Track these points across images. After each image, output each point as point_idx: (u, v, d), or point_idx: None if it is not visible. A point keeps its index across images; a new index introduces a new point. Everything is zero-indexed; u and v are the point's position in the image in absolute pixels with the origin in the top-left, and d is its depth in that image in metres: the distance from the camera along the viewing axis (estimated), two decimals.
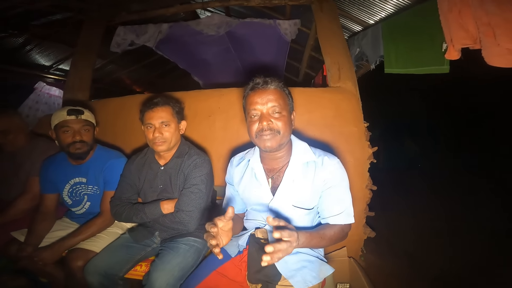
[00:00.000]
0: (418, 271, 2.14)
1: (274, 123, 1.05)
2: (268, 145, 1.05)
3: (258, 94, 1.07)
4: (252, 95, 1.09)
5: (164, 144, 1.39)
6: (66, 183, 1.58)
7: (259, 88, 1.08)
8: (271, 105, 1.06)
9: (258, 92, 1.08)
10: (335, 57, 2.05)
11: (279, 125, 1.05)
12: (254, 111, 1.07)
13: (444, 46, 1.59)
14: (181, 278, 1.23)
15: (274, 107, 1.06)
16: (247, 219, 1.27)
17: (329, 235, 1.03)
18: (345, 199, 1.09)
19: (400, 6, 2.25)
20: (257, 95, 1.07)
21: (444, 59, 1.62)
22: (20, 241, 1.45)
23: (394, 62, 2.17)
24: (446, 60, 1.68)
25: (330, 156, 1.12)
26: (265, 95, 1.06)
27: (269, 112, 1.06)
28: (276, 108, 1.06)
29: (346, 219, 1.07)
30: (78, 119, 1.49)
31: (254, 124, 1.08)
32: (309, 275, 1.02)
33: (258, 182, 1.17)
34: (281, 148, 1.11)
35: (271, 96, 1.06)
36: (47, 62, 3.94)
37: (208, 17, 2.80)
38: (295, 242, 0.82)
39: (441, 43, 1.62)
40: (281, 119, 1.06)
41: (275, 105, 1.06)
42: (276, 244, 0.78)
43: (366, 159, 1.74)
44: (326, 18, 2.21)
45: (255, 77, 1.10)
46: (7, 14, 2.37)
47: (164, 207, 1.38)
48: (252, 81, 1.11)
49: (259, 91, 1.08)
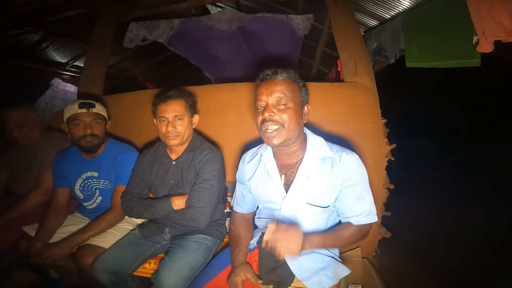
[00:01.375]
0: (433, 273, 2.06)
1: (278, 115, 0.99)
2: (273, 142, 1.00)
3: (265, 85, 1.03)
4: (260, 86, 1.05)
5: (177, 138, 1.36)
6: (78, 177, 1.58)
7: (268, 79, 1.04)
8: (276, 96, 1.00)
9: (266, 82, 1.03)
10: (351, 52, 1.98)
11: (283, 118, 0.99)
12: (260, 102, 1.03)
13: (475, 39, 1.54)
14: (190, 277, 1.20)
15: (280, 98, 1.00)
16: (258, 217, 1.23)
17: (346, 236, 0.98)
18: (366, 198, 1.03)
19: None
20: (264, 86, 1.03)
21: (475, 52, 1.57)
22: (31, 236, 1.45)
23: (417, 56, 2.11)
24: (477, 53, 1.62)
25: (348, 152, 1.06)
26: (271, 86, 1.01)
27: (274, 103, 1.01)
28: (282, 99, 1.00)
29: (368, 218, 1.02)
30: (89, 112, 1.49)
31: (258, 116, 1.03)
32: (324, 276, 0.98)
33: (270, 179, 1.12)
34: (291, 143, 1.05)
35: (278, 87, 1.01)
36: (63, 59, 4.02)
37: (219, 12, 2.78)
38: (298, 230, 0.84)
39: (471, 35, 1.56)
40: (286, 111, 1.00)
41: (281, 96, 1.00)
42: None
43: (383, 156, 1.67)
44: (341, 12, 2.14)
45: (266, 68, 1.06)
46: (22, 10, 2.41)
47: (175, 203, 1.35)
48: (262, 72, 1.06)
49: (267, 82, 1.03)
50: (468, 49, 1.65)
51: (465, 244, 2.58)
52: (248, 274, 1.01)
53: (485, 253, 2.36)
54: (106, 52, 2.41)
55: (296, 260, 1.01)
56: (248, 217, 1.30)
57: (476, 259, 2.26)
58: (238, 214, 1.29)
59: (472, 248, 2.49)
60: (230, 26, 2.76)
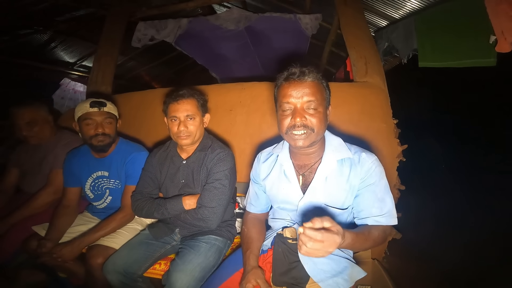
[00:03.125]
0: (443, 275, 2.02)
1: (309, 119, 0.96)
2: (300, 145, 0.97)
3: (293, 86, 0.97)
4: (287, 86, 0.98)
5: (189, 138, 1.35)
6: (89, 177, 1.58)
7: (295, 80, 0.97)
8: (306, 100, 0.96)
9: (293, 83, 0.97)
10: (361, 51, 1.96)
11: (314, 122, 0.96)
12: (287, 105, 0.98)
13: (492, 38, 1.53)
14: (202, 279, 1.19)
15: (310, 102, 0.96)
16: (273, 217, 1.21)
17: (374, 236, 0.94)
18: (385, 199, 1.00)
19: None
20: (292, 87, 0.97)
21: (492, 51, 1.57)
22: (41, 235, 1.44)
23: (430, 55, 2.10)
24: (494, 53, 1.61)
25: (367, 153, 1.03)
26: (301, 88, 0.96)
27: (304, 107, 0.96)
28: (312, 104, 0.96)
29: (388, 220, 0.98)
30: (101, 111, 1.48)
31: (285, 119, 0.98)
32: (341, 279, 0.95)
33: (287, 179, 1.09)
34: (314, 145, 1.03)
35: (308, 90, 0.96)
36: (71, 59, 4.06)
37: (227, 11, 2.77)
38: (339, 236, 0.73)
39: (488, 35, 1.55)
40: (316, 115, 0.96)
41: (312, 99, 0.96)
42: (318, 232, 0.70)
43: (395, 157, 1.64)
44: (350, 11, 2.12)
45: (290, 66, 1.01)
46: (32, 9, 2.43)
47: (186, 203, 1.34)
48: (287, 70, 1.01)
49: (294, 83, 0.97)
50: (484, 48, 1.64)
51: (475, 245, 2.53)
52: (259, 280, 1.00)
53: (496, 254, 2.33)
54: (115, 51, 2.42)
55: (311, 261, 0.99)
56: (261, 217, 1.28)
57: (487, 260, 2.23)
58: (251, 214, 1.27)
59: (483, 249, 2.44)
60: (238, 26, 2.75)
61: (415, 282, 1.89)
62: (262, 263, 1.10)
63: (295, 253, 1.03)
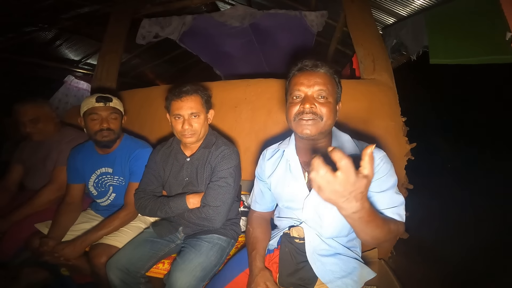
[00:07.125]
0: (451, 275, 2.00)
1: (318, 107, 0.94)
2: (307, 132, 0.94)
3: (305, 76, 0.98)
4: (299, 76, 0.99)
5: (194, 136, 1.31)
6: (93, 173, 1.57)
7: (308, 70, 0.99)
8: (317, 88, 0.95)
9: (306, 73, 0.98)
10: (369, 48, 1.92)
11: (323, 111, 0.94)
12: (297, 92, 0.97)
13: (508, 35, 1.51)
14: (203, 278, 1.17)
15: (321, 91, 0.95)
16: (278, 216, 1.17)
17: (388, 226, 0.84)
18: (393, 195, 0.92)
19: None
20: (304, 76, 0.97)
21: (509, 48, 1.54)
22: (44, 233, 1.43)
23: (442, 53, 2.05)
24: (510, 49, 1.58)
25: (375, 149, 1.00)
26: (313, 78, 0.96)
27: (314, 95, 0.96)
28: (323, 93, 0.95)
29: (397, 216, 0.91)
30: (106, 106, 1.47)
31: (294, 106, 0.97)
32: (350, 280, 0.93)
33: (293, 176, 1.06)
34: (320, 138, 1.00)
35: (319, 80, 0.96)
36: (76, 57, 4.07)
37: (232, 8, 2.75)
38: (360, 182, 0.62)
39: (504, 31, 1.52)
40: (326, 105, 0.95)
41: (323, 89, 0.95)
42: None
43: (403, 155, 1.61)
44: (357, 8, 2.08)
45: (304, 59, 1.01)
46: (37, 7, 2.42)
47: (189, 201, 1.31)
48: (300, 62, 1.01)
49: (306, 73, 0.98)
50: (500, 45, 1.61)
51: (483, 245, 2.48)
52: (268, 282, 0.98)
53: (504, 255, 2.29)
54: (120, 48, 2.41)
55: (319, 262, 0.96)
56: (267, 216, 1.25)
57: (494, 260, 2.20)
58: (256, 213, 1.25)
59: (491, 249, 2.40)
60: (243, 23, 2.73)
61: (421, 282, 1.86)
62: (268, 263, 1.08)
63: (302, 253, 1.01)
